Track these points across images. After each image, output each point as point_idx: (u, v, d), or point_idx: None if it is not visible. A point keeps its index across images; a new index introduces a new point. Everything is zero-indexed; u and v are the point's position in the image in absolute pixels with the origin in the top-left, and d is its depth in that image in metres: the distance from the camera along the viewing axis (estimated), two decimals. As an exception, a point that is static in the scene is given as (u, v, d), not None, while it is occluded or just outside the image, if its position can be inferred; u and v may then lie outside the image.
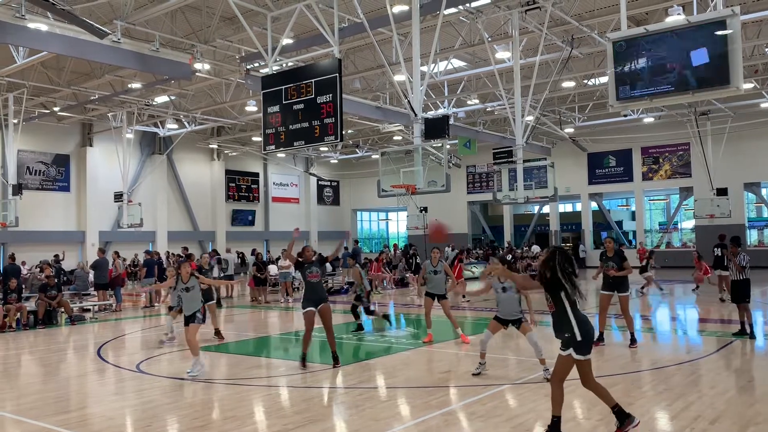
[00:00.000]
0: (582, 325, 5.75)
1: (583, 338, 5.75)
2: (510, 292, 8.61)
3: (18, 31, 13.63)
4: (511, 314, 8.66)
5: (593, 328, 5.91)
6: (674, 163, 33.21)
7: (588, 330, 5.80)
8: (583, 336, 5.74)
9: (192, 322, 9.33)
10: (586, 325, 5.79)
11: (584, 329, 5.76)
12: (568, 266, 5.79)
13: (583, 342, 5.74)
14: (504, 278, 8.48)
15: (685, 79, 9.60)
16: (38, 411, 7.43)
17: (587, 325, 5.80)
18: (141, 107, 25.96)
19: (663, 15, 16.63)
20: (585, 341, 5.76)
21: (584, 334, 5.75)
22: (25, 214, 24.60)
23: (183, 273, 9.52)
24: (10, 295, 15.04)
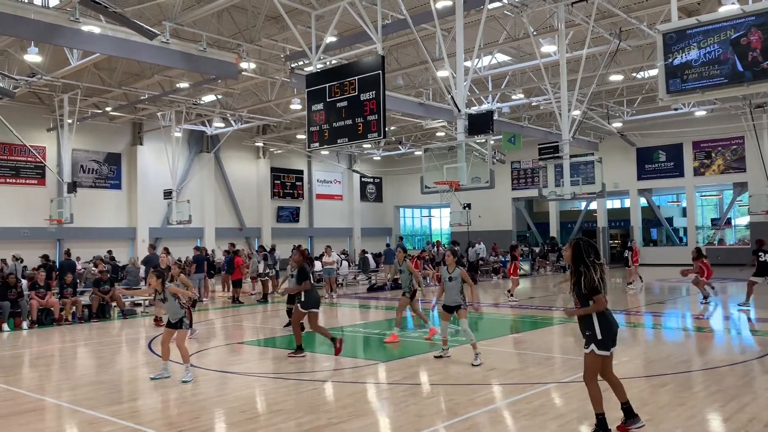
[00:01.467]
0: (603, 321, 5.70)
1: (604, 335, 5.69)
2: (455, 282, 9.59)
3: (72, 34, 14.09)
4: (453, 301, 9.60)
5: (616, 323, 5.85)
6: (727, 157, 32.16)
7: (609, 326, 5.73)
8: (603, 333, 5.68)
9: (179, 327, 8.86)
10: (607, 320, 5.73)
11: (605, 325, 5.70)
12: (593, 256, 5.72)
13: (603, 339, 5.68)
14: (452, 269, 9.62)
15: (739, 70, 9.29)
16: (92, 401, 7.68)
17: (609, 321, 5.74)
18: (189, 106, 26.51)
19: (716, 5, 16.12)
20: (605, 338, 5.69)
21: (605, 331, 5.69)
22: (79, 211, 25.42)
23: (153, 283, 8.94)
24: (66, 290, 15.58)
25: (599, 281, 5.67)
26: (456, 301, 9.60)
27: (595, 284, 5.65)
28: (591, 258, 5.71)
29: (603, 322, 5.71)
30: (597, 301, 5.67)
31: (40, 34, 14.01)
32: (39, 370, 10.16)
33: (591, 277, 5.66)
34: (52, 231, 26.93)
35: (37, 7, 13.81)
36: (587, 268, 5.70)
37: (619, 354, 10.12)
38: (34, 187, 28.04)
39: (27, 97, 25.51)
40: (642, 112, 29.13)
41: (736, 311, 15.05)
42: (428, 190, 14.80)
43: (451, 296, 9.64)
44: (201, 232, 33.04)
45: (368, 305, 18.28)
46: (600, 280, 5.67)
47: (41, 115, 27.37)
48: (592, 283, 5.65)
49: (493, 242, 30.78)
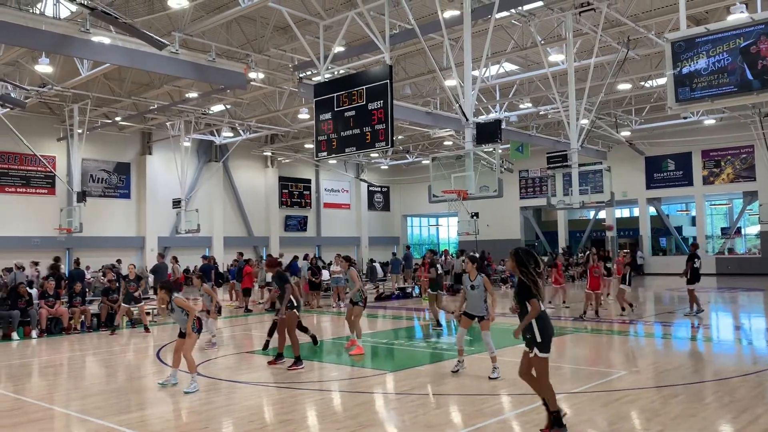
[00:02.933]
0: (541, 324, 6.07)
1: (543, 337, 6.05)
2: (478, 290, 9.27)
3: (83, 45, 14.22)
4: (476, 310, 9.29)
5: (552, 327, 6.21)
6: (737, 166, 31.98)
7: (547, 328, 6.10)
8: (543, 336, 6.05)
9: (187, 335, 8.85)
10: (545, 324, 6.10)
11: (543, 328, 6.07)
12: (532, 264, 6.15)
13: (543, 342, 6.06)
14: (473, 276, 9.29)
15: (749, 78, 9.25)
16: (102, 410, 7.69)
17: (546, 324, 6.11)
18: (198, 116, 26.65)
19: (724, 13, 16.08)
20: (545, 340, 6.06)
21: (544, 334, 6.06)
22: (88, 220, 25.53)
23: (161, 296, 9.01)
24: (75, 299, 15.64)
25: (536, 287, 6.09)
26: (480, 311, 9.26)
27: (533, 290, 6.08)
28: (532, 266, 6.13)
29: (541, 325, 6.08)
30: (533, 306, 6.05)
31: (51, 45, 14.14)
32: (48, 378, 10.18)
33: (530, 283, 6.10)
34: (62, 240, 27.06)
35: (49, 18, 13.94)
36: (526, 275, 6.13)
37: (629, 364, 10.06)
38: (44, 196, 28.22)
39: (38, 107, 25.71)
40: (650, 121, 29.04)
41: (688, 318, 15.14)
42: (436, 199, 14.78)
43: (474, 305, 9.28)
44: (209, 241, 33.11)
45: (376, 314, 18.24)
46: (536, 286, 6.10)
47: (52, 125, 27.58)
48: (530, 290, 6.08)
49: (483, 250, 30.46)
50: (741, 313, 17.39)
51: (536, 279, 6.12)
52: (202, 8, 16.55)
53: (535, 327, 6.08)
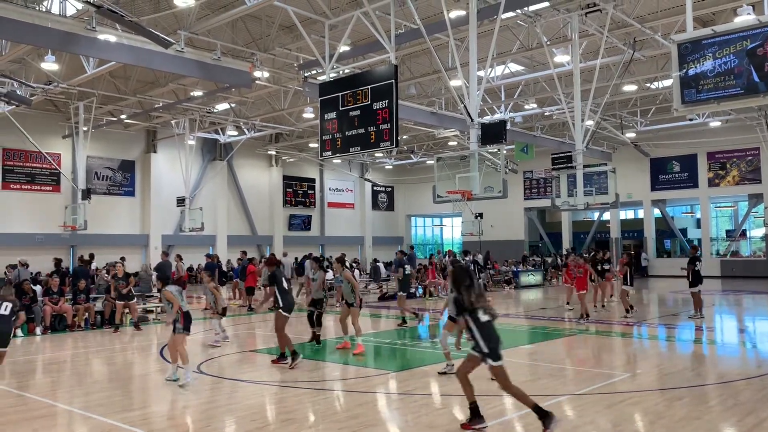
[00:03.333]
0: (484, 333, 6.33)
1: (489, 346, 6.30)
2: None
3: (89, 43, 14.25)
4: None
5: (497, 336, 6.39)
6: (743, 168, 31.86)
7: (492, 339, 6.32)
8: (488, 344, 6.30)
9: (173, 333, 9.09)
10: (488, 332, 6.34)
11: (488, 339, 6.31)
12: (468, 281, 6.47)
13: (491, 350, 6.29)
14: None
15: (755, 81, 9.20)
16: (104, 408, 7.70)
17: (489, 333, 6.34)
18: (203, 114, 26.68)
19: (731, 15, 16.02)
20: (493, 348, 6.30)
21: (489, 342, 6.30)
22: (93, 217, 25.61)
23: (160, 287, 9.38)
24: (79, 296, 15.67)
25: (469, 302, 6.37)
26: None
27: (464, 305, 6.42)
28: (466, 282, 6.45)
29: (484, 334, 6.32)
30: (458, 321, 6.47)
31: (57, 43, 14.18)
32: (51, 375, 10.20)
33: (463, 299, 6.43)
34: (66, 237, 27.14)
35: (55, 16, 13.98)
36: (460, 292, 6.46)
37: (632, 366, 10.03)
38: (49, 193, 28.29)
39: (43, 104, 25.78)
40: (656, 123, 28.95)
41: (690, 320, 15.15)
42: (440, 199, 14.75)
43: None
44: (213, 240, 33.15)
45: (379, 314, 18.23)
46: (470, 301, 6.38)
47: (57, 123, 27.65)
48: (462, 304, 6.44)
49: (487, 251, 30.35)
50: (745, 315, 17.33)
51: (468, 296, 6.40)
52: (208, 7, 16.57)
53: (479, 339, 6.32)
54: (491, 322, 6.39)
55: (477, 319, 6.33)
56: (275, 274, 10.44)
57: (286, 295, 10.37)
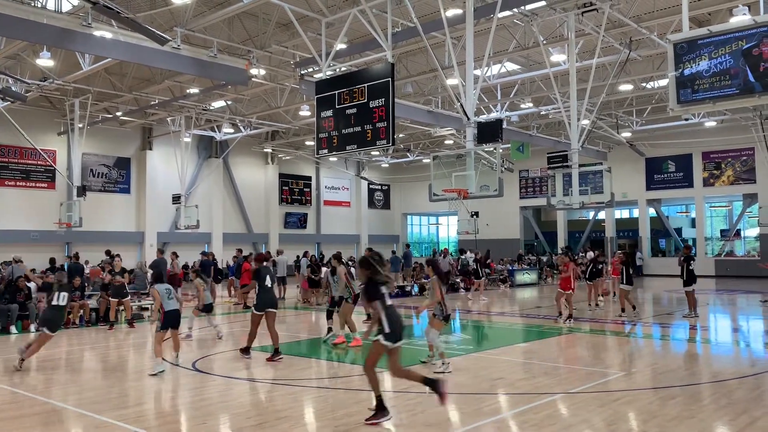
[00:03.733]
0: (389, 316, 6.68)
1: (391, 329, 6.64)
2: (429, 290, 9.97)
3: (84, 39, 14.19)
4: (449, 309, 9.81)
5: (402, 322, 6.81)
6: (737, 168, 31.98)
7: (396, 322, 6.70)
8: (390, 326, 6.64)
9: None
10: (393, 316, 6.72)
11: (392, 321, 6.68)
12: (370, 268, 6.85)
13: (390, 333, 6.63)
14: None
15: (751, 81, 9.23)
16: (99, 405, 7.68)
17: (394, 316, 6.72)
18: (198, 112, 26.63)
19: (727, 15, 16.08)
20: (392, 332, 6.64)
21: (392, 326, 6.66)
22: (88, 214, 25.54)
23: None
24: (74, 293, 15.61)
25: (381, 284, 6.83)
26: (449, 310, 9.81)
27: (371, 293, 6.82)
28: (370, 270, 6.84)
29: (389, 317, 6.68)
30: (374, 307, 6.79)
31: (52, 39, 14.11)
32: (45, 373, 10.17)
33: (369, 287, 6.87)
34: (61, 234, 27.07)
35: (50, 12, 13.93)
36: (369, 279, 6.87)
37: (627, 365, 10.06)
38: (44, 190, 28.21)
39: (38, 101, 25.70)
40: (651, 122, 29.03)
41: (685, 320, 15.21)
42: (436, 197, 14.77)
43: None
44: (209, 237, 33.11)
45: (375, 312, 18.22)
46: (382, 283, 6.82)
47: (52, 119, 27.57)
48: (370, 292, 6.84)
49: (477, 250, 30.23)
50: (739, 315, 17.40)
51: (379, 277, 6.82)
52: (204, 4, 16.54)
53: (384, 321, 6.68)
54: (393, 306, 6.83)
55: (384, 303, 6.74)
56: (260, 270, 10.60)
57: (263, 293, 10.45)
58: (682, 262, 15.74)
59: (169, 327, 9.91)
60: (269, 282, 10.54)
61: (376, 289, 6.77)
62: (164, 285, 10.24)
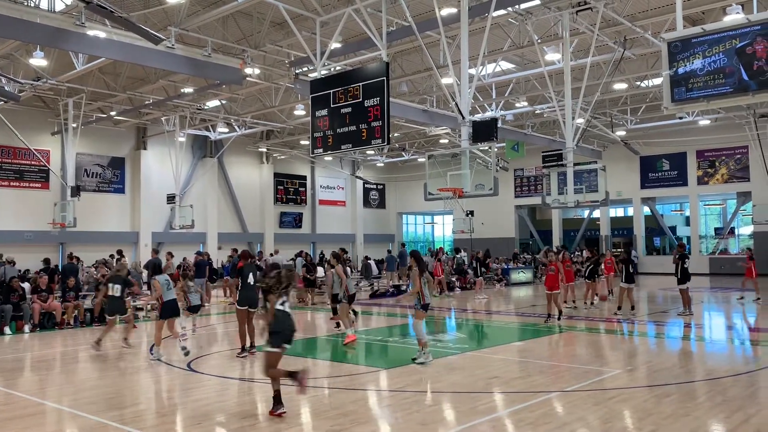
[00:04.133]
0: (277, 321, 7.05)
1: (275, 332, 7.02)
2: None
3: (78, 39, 14.12)
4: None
5: (291, 326, 7.15)
6: (731, 166, 32.09)
7: (281, 325, 7.04)
8: (275, 330, 7.02)
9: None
10: (281, 321, 7.07)
11: (278, 324, 7.04)
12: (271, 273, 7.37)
13: (273, 335, 7.02)
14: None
15: (745, 79, 9.26)
16: (94, 406, 7.66)
17: (282, 322, 7.07)
18: (193, 111, 26.54)
19: (720, 14, 16.12)
20: (275, 334, 7.02)
21: (277, 329, 7.02)
22: (82, 215, 25.44)
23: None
24: (69, 293, 15.57)
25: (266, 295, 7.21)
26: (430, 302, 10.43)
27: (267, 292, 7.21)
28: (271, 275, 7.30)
29: (278, 320, 7.05)
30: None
31: (45, 39, 14.04)
32: (40, 374, 10.14)
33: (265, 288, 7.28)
34: (56, 234, 26.96)
35: (43, 11, 13.85)
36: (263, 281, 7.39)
37: (621, 364, 10.09)
38: (38, 190, 28.08)
39: (32, 100, 25.57)
40: (646, 121, 29.11)
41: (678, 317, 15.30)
42: (431, 197, 14.79)
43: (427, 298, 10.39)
44: (204, 237, 33.03)
45: (371, 311, 18.24)
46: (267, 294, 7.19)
47: (46, 119, 27.45)
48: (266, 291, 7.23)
49: (479, 250, 30.17)
50: (734, 313, 17.47)
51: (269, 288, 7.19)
52: (199, 3, 16.49)
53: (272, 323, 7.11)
54: (285, 312, 7.15)
55: (279, 310, 7.15)
56: (243, 268, 10.91)
57: (245, 291, 10.82)
58: (677, 260, 15.79)
59: (169, 316, 10.65)
60: (251, 280, 10.86)
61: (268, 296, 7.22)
62: (164, 276, 10.97)
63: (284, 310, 7.14)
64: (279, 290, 7.16)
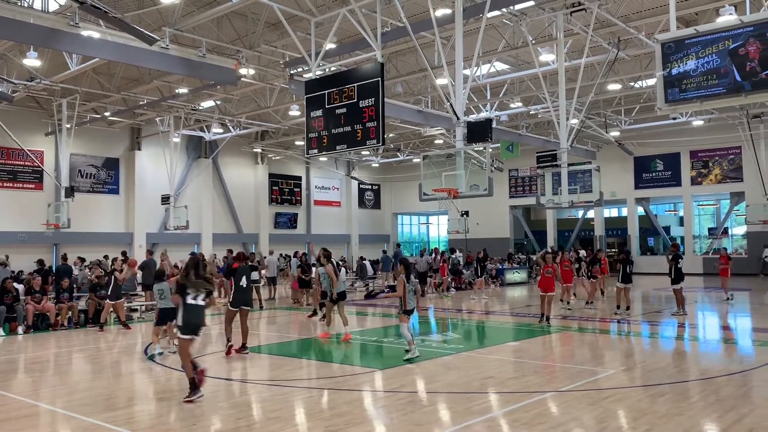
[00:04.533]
0: (185, 313, 7.89)
1: (183, 323, 7.89)
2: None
3: (72, 39, 14.08)
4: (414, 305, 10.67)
5: (198, 319, 7.99)
6: (725, 167, 32.23)
7: (188, 317, 7.89)
8: (183, 321, 7.89)
9: None
10: (189, 313, 7.89)
11: (186, 316, 7.89)
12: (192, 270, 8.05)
13: (182, 325, 7.92)
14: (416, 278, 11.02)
15: (738, 80, 9.31)
16: (88, 408, 7.63)
17: (190, 314, 7.89)
18: (188, 112, 26.49)
19: (714, 15, 16.19)
20: (184, 325, 7.89)
21: (184, 320, 7.89)
22: (76, 215, 25.35)
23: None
24: (62, 295, 15.52)
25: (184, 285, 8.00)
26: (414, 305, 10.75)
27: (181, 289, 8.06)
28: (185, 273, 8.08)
29: (186, 312, 7.88)
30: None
31: (39, 39, 14.00)
32: (34, 375, 10.10)
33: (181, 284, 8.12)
34: (49, 235, 26.85)
35: (37, 11, 13.80)
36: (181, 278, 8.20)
37: (616, 363, 10.12)
38: (32, 191, 27.97)
39: (25, 101, 25.48)
40: (640, 122, 29.21)
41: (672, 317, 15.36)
42: (426, 197, 14.79)
43: (413, 302, 10.67)
44: (198, 238, 32.95)
45: (365, 312, 18.24)
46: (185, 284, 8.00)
47: (40, 120, 27.35)
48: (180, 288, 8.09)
49: (469, 251, 30.19)
50: (727, 312, 17.53)
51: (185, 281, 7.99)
52: (193, 3, 16.46)
53: (179, 313, 7.94)
54: (197, 305, 7.95)
55: (185, 301, 7.91)
56: (237, 269, 11.17)
57: (238, 292, 11.08)
58: (671, 260, 15.85)
59: (164, 322, 10.90)
60: (244, 282, 11.14)
61: (183, 291, 7.94)
62: (159, 285, 11.17)
63: (196, 304, 7.95)
64: (193, 286, 7.96)
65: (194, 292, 7.95)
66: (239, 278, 11.07)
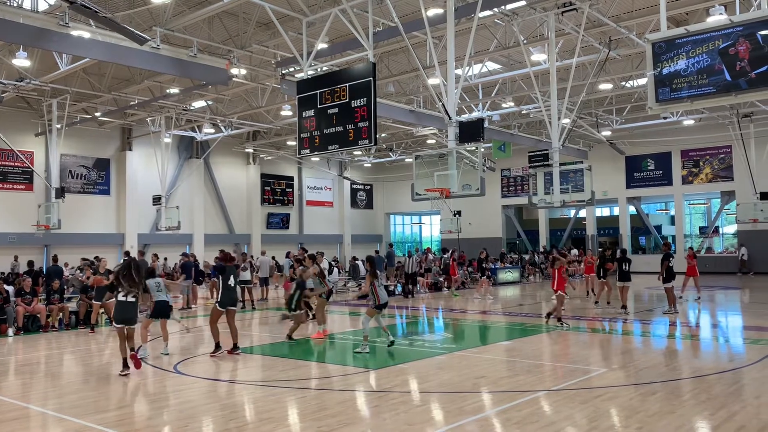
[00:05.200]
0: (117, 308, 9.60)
1: (114, 317, 9.61)
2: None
3: (62, 39, 14.00)
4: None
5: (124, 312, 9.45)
6: (715, 166, 32.41)
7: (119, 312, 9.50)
8: (114, 316, 9.65)
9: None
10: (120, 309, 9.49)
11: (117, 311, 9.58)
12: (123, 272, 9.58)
13: (114, 319, 9.56)
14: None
15: (728, 80, 9.36)
16: (79, 409, 7.59)
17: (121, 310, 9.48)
18: (179, 112, 26.40)
19: (704, 15, 16.28)
20: (115, 318, 9.59)
21: (115, 315, 9.60)
22: (67, 216, 25.22)
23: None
24: (53, 296, 15.42)
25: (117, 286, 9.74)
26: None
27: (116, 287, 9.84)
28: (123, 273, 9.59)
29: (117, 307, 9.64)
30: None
31: (29, 39, 13.91)
32: (24, 377, 10.03)
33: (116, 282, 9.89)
34: (40, 237, 26.68)
35: (26, 11, 13.71)
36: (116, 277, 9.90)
37: (608, 362, 10.15)
38: (22, 192, 27.80)
39: (15, 101, 25.32)
40: (631, 121, 29.33)
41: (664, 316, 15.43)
42: (419, 197, 14.79)
43: (385, 296, 11.47)
44: (190, 239, 32.85)
45: (358, 312, 18.20)
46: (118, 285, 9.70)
47: (29, 120, 27.18)
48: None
49: (461, 251, 30.11)
50: (718, 311, 17.63)
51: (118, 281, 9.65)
52: (184, 3, 16.40)
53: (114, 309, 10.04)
54: (126, 302, 9.44)
55: (117, 298, 9.53)
56: (225, 269, 11.14)
57: (225, 291, 11.07)
58: (662, 259, 15.93)
59: (158, 317, 11.20)
60: (232, 282, 11.15)
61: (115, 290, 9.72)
62: (153, 279, 11.29)
63: (124, 301, 9.44)
64: (121, 285, 9.46)
65: (124, 291, 9.45)
66: (227, 278, 11.05)
